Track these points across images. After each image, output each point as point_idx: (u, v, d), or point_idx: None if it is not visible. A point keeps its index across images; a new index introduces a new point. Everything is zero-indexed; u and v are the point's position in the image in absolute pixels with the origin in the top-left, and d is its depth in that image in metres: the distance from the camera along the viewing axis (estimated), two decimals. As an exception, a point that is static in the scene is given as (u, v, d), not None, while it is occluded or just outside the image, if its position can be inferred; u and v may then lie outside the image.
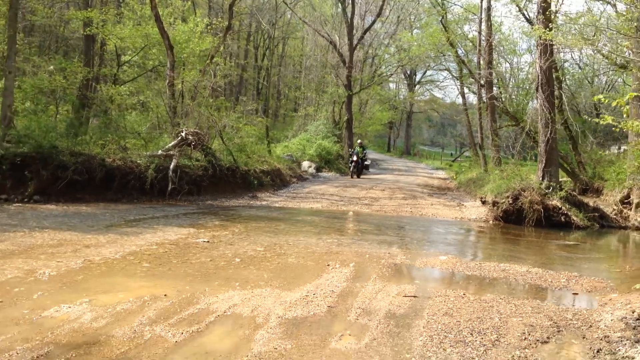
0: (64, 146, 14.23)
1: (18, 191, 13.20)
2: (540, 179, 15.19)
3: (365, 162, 27.89)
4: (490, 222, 14.70)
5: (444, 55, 33.56)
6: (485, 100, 24.43)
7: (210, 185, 16.39)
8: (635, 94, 7.73)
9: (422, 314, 5.97)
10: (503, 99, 24.63)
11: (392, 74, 47.00)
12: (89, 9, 21.49)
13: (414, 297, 6.64)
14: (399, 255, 9.22)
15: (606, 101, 6.86)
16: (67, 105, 20.59)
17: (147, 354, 4.43)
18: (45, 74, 20.57)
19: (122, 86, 22.12)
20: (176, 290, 6.29)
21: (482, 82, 24.28)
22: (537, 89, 16.09)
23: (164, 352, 4.49)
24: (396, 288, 6.97)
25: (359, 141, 28.92)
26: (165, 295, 6.07)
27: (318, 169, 27.52)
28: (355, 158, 26.83)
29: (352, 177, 26.61)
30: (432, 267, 8.67)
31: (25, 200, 12.98)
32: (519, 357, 4.83)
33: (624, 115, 8.04)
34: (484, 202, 16.75)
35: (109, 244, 8.64)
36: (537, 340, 5.28)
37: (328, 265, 8.12)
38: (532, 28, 15.47)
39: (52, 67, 21.18)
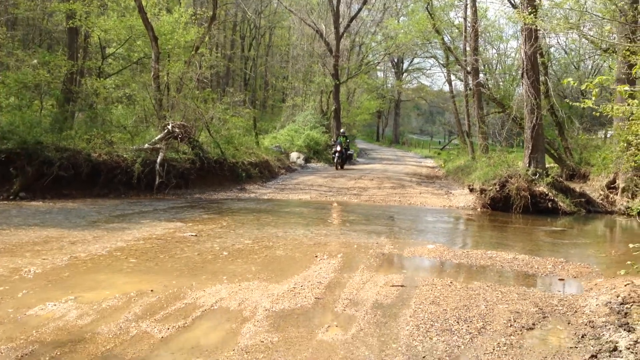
0: (49, 141, 14.08)
1: (3, 188, 13.06)
2: (527, 165, 15.28)
3: (349, 152, 26.73)
4: (478, 209, 14.77)
5: (430, 43, 33.49)
6: (472, 87, 24.48)
7: (198, 179, 16.31)
8: (605, 77, 7.75)
9: (409, 303, 6.00)
10: (490, 86, 24.71)
11: (379, 63, 46.85)
12: (71, 1, 21.21)
13: (402, 286, 6.67)
14: (387, 245, 9.25)
15: (574, 84, 6.92)
16: (52, 100, 20.32)
17: (133, 350, 4.41)
18: (29, 68, 20.29)
19: (107, 79, 21.90)
20: (163, 285, 6.27)
21: (468, 69, 24.30)
22: (522, 75, 16.14)
23: (149, 348, 4.48)
24: (384, 278, 7.00)
25: (341, 130, 27.49)
26: (151, 290, 6.05)
27: (307, 160, 27.47)
28: (338, 148, 25.63)
29: (336, 169, 25.36)
30: (420, 256, 8.70)
31: (11, 197, 12.86)
32: (505, 344, 4.88)
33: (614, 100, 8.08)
34: (471, 190, 16.82)
35: (95, 240, 8.59)
36: (523, 327, 5.33)
37: (316, 256, 8.13)
38: (517, 13, 15.47)
39: (35, 61, 20.89)
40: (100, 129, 16.63)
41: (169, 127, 16.27)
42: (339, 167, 25.53)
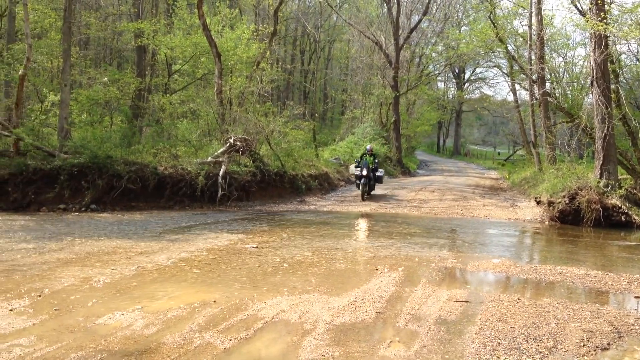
0: (119, 156, 14.69)
1: (75, 200, 13.69)
2: (598, 177, 14.56)
3: (378, 174, 19.22)
4: (546, 222, 14.19)
5: (493, 52, 32.75)
6: (537, 97, 23.65)
7: (259, 191, 16.55)
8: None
9: (475, 319, 5.80)
10: (557, 95, 23.79)
11: (440, 73, 46.34)
12: (140, 21, 22.21)
13: (466, 302, 6.46)
14: (450, 259, 9.02)
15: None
16: (121, 116, 21.28)
17: (200, 358, 4.46)
18: (100, 86, 21.37)
19: (173, 95, 22.69)
20: (225, 296, 6.34)
21: (534, 77, 23.53)
22: (592, 84, 15.43)
23: (212, 359, 4.52)
24: (447, 293, 6.81)
25: (367, 147, 19.86)
26: (214, 301, 6.13)
27: (366, 172, 27.30)
28: (364, 172, 17.82)
29: (362, 199, 17.99)
30: (484, 270, 8.43)
31: (83, 209, 13.46)
32: (578, 366, 4.61)
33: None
34: (538, 202, 16.21)
35: (161, 251, 8.83)
36: (597, 347, 5.03)
37: (376, 269, 8.02)
38: (585, 20, 14.86)
39: (106, 78, 21.98)
40: (166, 143, 17.20)
41: (231, 140, 16.61)
42: (366, 197, 18.11)
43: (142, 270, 7.52)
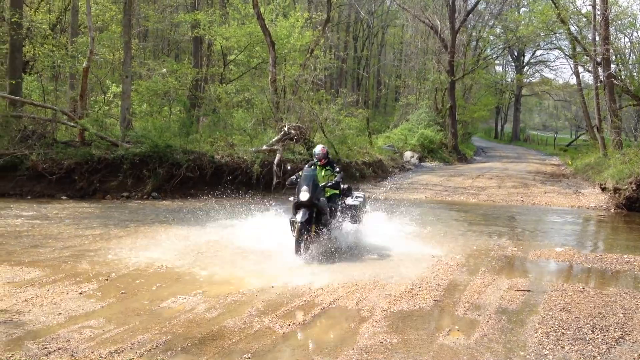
0: (177, 145, 15.08)
1: (138, 189, 14.18)
2: (670, 162, 13.80)
3: (350, 201, 9.20)
4: (612, 210, 13.59)
5: (554, 34, 31.43)
6: (602, 79, 22.58)
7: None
8: None
9: (537, 309, 5.64)
10: (622, 77, 22.65)
11: (498, 57, 45.02)
12: (196, 12, 22.61)
13: (527, 291, 6.28)
14: (510, 247, 8.79)
15: None
16: (179, 106, 21.79)
17: (257, 345, 4.54)
18: (159, 77, 21.93)
19: (229, 85, 23.02)
20: (282, 282, 6.41)
21: (598, 59, 22.45)
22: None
23: (272, 343, 4.59)
24: (507, 282, 6.64)
25: (317, 149, 8.86)
26: (272, 287, 6.21)
27: (421, 159, 26.99)
28: (302, 195, 7.76)
29: (296, 252, 7.63)
30: (546, 259, 8.17)
31: (144, 197, 13.92)
32: (650, 359, 4.40)
33: None
34: (603, 189, 15.53)
35: (219, 237, 9.01)
36: (670, 341, 4.78)
37: (433, 257, 7.91)
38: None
39: (164, 70, 22.52)
40: (222, 132, 17.51)
41: (285, 128, 16.74)
42: (300, 250, 7.65)
43: (201, 256, 7.71)
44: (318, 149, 8.80)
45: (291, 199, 8.10)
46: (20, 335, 4.59)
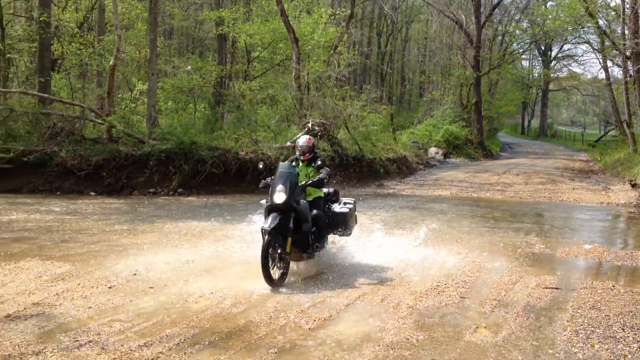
0: (202, 142, 15.22)
1: (164, 185, 14.35)
2: None
3: (338, 208, 7.28)
4: (643, 207, 13.30)
5: (582, 28, 30.83)
6: (632, 74, 22.07)
7: (337, 175, 16.55)
8: None
9: (566, 307, 5.56)
10: (654, 71, 22.07)
11: (524, 51, 44.27)
12: (220, 9, 22.76)
13: (556, 289, 6.19)
14: (537, 244, 8.66)
15: None
16: (204, 103, 21.97)
17: (283, 339, 4.57)
18: (184, 74, 22.16)
19: (253, 81, 23.12)
20: (304, 277, 6.42)
21: (627, 53, 21.95)
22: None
23: (298, 338, 4.61)
24: (535, 279, 6.55)
25: (300, 140, 7.14)
26: (295, 282, 6.23)
27: (446, 155, 26.74)
28: (277, 197, 6.23)
29: (266, 279, 5.86)
30: (575, 256, 8.03)
31: (171, 193, 14.09)
32: (684, 359, 4.29)
33: None
34: (634, 185, 15.21)
35: (244, 234, 9.04)
36: None
37: (459, 254, 7.84)
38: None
39: (189, 67, 22.73)
40: (246, 129, 17.60)
41: (309, 125, 16.75)
42: (270, 276, 5.88)
43: (227, 251, 7.77)
44: (302, 140, 7.06)
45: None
46: (52, 328, 4.69)
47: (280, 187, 6.21)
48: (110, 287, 5.89)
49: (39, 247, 7.81)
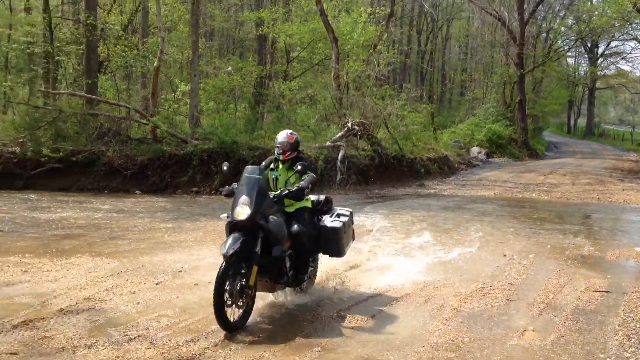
0: (243, 141, 15.39)
1: (206, 184, 14.57)
2: None
3: (326, 221, 5.73)
4: (698, 208, 12.75)
5: (630, 24, 29.84)
6: (687, 69, 21.19)
7: (377, 175, 16.51)
8: None
9: (617, 310, 5.39)
10: None
11: (570, 48, 43.07)
12: (260, 10, 22.97)
13: (606, 292, 6.00)
14: (586, 246, 8.40)
15: None
16: (244, 103, 22.21)
17: (326, 338, 4.58)
18: (224, 75, 22.46)
19: (292, 81, 23.24)
20: (348, 278, 6.41)
21: (682, 48, 21.09)
22: None
23: (341, 337, 4.61)
24: (584, 282, 6.36)
25: (281, 137, 5.56)
26: (340, 282, 6.22)
27: (488, 155, 26.26)
28: (239, 212, 4.89)
29: (218, 321, 4.60)
30: (626, 259, 7.76)
31: (212, 192, 14.28)
32: None
33: None
34: (688, 186, 14.58)
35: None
36: None
37: (504, 255, 7.68)
38: None
39: (230, 67, 23.03)
40: (286, 129, 17.65)
41: (349, 124, 16.72)
42: (224, 317, 4.61)
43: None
44: (281, 135, 5.54)
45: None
46: (102, 322, 4.82)
47: (243, 198, 4.85)
48: (157, 284, 6.01)
49: (89, 243, 8.04)
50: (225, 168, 5.69)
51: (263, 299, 5.33)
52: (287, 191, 5.19)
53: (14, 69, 22.69)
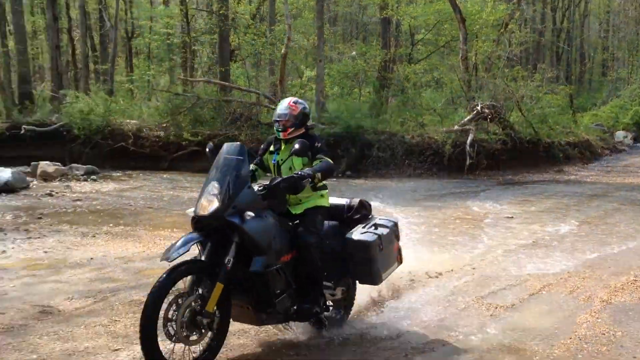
0: (368, 126, 15.43)
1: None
2: None
3: (355, 234, 4.15)
4: None
5: None
6: None
7: (509, 160, 15.67)
8: None
9: None
10: None
11: None
12: (384, -8, 22.74)
13: None
14: None
15: None
16: (369, 87, 22.18)
17: (464, 323, 4.42)
18: (348, 60, 22.57)
19: (417, 64, 22.78)
20: (485, 264, 6.14)
21: None
22: None
23: (480, 324, 4.42)
24: None
25: (281, 108, 3.98)
26: (473, 268, 6.01)
27: (636, 139, 24.02)
28: (206, 205, 3.41)
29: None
30: None
31: (339, 175, 14.44)
32: None
33: None
34: None
35: (410, 217, 8.92)
36: None
37: (661, 246, 6.94)
38: None
39: (354, 52, 23.09)
40: (411, 113, 17.42)
41: (478, 107, 16.07)
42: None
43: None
44: (282, 105, 4.01)
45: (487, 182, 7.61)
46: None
47: (213, 186, 3.44)
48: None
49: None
50: (208, 150, 4.02)
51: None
52: (279, 179, 3.66)
53: (156, 59, 24.60)
